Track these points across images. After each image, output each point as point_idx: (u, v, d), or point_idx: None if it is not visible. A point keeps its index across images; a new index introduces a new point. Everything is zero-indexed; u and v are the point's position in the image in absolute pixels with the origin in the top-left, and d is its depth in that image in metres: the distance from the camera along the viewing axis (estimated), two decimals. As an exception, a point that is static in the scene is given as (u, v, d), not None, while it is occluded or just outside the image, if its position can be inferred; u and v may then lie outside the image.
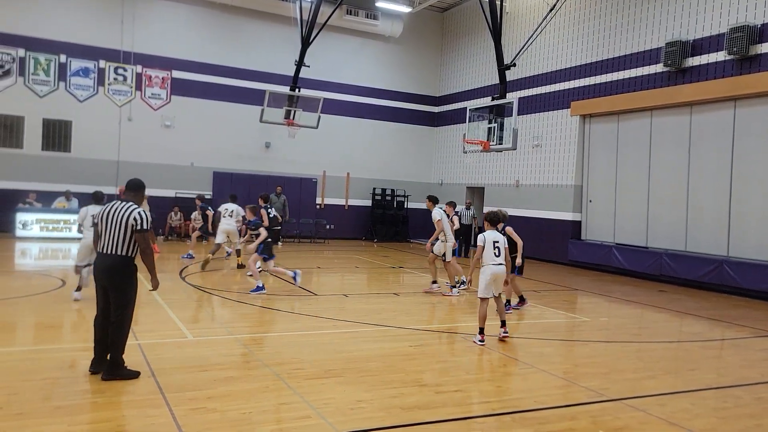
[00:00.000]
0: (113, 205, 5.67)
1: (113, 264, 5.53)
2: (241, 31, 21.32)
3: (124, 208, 5.59)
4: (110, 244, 5.54)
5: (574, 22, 18.18)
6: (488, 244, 7.79)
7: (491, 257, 7.75)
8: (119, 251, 5.54)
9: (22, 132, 18.44)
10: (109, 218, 5.58)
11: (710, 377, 6.84)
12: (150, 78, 20.11)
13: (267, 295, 10.23)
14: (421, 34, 24.45)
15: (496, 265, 7.75)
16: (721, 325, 9.99)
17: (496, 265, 7.75)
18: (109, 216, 5.59)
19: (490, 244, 7.79)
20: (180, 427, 4.50)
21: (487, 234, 7.88)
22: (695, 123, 14.66)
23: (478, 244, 7.86)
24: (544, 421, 5.07)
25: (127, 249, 5.57)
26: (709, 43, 14.24)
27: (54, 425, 4.47)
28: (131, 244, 5.57)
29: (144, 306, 8.96)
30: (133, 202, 5.72)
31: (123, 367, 5.54)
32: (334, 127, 22.19)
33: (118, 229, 5.52)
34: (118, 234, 5.52)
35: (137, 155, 19.79)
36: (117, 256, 5.54)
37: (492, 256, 7.75)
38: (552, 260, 18.31)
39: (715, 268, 13.60)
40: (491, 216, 8.11)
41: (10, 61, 18.28)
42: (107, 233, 5.56)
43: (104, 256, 5.58)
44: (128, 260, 5.59)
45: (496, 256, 7.76)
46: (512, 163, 20.26)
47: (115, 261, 5.53)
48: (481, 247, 7.79)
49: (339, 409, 5.07)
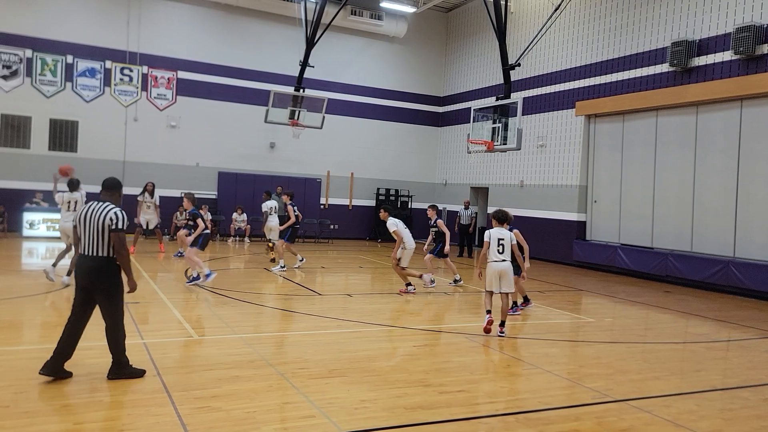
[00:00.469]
0: (91, 205, 5.58)
1: (95, 266, 5.43)
2: (246, 32, 21.37)
3: (101, 208, 5.50)
4: (90, 246, 5.43)
5: (579, 21, 18.15)
6: (493, 240, 8.06)
7: (494, 254, 8.04)
8: (100, 252, 5.43)
9: (29, 132, 18.55)
10: (87, 220, 5.48)
11: (716, 378, 6.81)
12: (156, 78, 20.18)
13: (271, 295, 10.25)
14: (425, 35, 24.44)
15: (497, 262, 8.03)
16: (727, 326, 9.95)
17: (497, 261, 8.04)
18: (87, 217, 5.48)
19: (495, 241, 8.06)
20: (185, 426, 4.51)
21: (493, 231, 8.14)
22: (701, 123, 14.60)
23: (485, 240, 8.15)
24: (549, 421, 5.06)
25: (108, 250, 5.46)
26: (715, 42, 14.19)
27: (60, 424, 4.49)
28: (111, 245, 5.46)
29: (149, 305, 8.99)
30: (110, 201, 5.62)
31: (128, 366, 5.54)
32: (338, 127, 22.22)
33: (96, 231, 5.42)
34: (97, 235, 5.42)
35: (143, 155, 19.88)
36: (98, 258, 5.44)
37: (495, 253, 8.04)
38: (557, 261, 18.28)
39: (721, 269, 13.55)
40: (498, 214, 8.34)
41: (17, 61, 18.39)
42: (86, 235, 5.46)
43: (86, 258, 5.48)
44: (111, 261, 5.48)
45: (499, 254, 8.04)
46: (517, 163, 20.24)
47: (97, 263, 5.43)
48: (486, 243, 8.08)
49: (343, 408, 5.07)
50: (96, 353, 6.30)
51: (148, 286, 10.70)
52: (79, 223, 5.55)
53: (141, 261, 13.69)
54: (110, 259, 5.47)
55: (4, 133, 18.27)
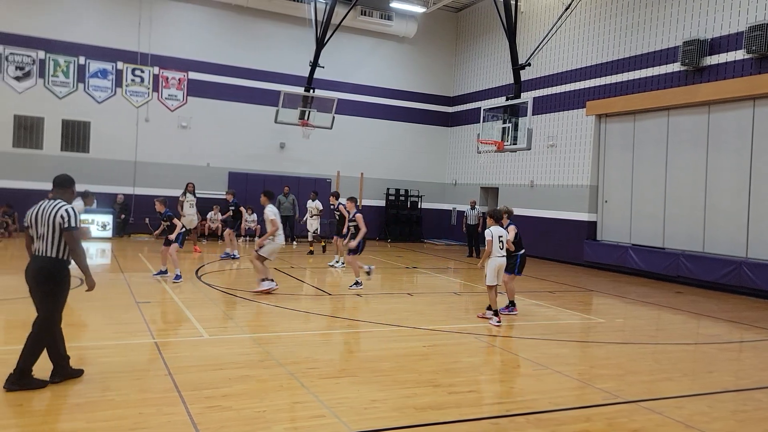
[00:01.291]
0: (41, 204, 5.28)
1: (42, 267, 5.16)
2: (257, 33, 21.44)
3: (51, 206, 5.21)
4: (42, 246, 5.17)
5: (589, 21, 18.06)
6: (495, 238, 8.88)
7: (496, 250, 8.90)
8: (50, 253, 5.16)
9: (41, 133, 18.70)
10: (38, 219, 5.21)
11: (729, 380, 6.76)
12: (167, 79, 20.30)
13: (282, 295, 10.28)
14: (435, 35, 24.42)
15: (500, 257, 8.94)
16: (739, 327, 9.87)
17: (500, 257, 8.94)
18: (38, 217, 5.21)
19: (496, 238, 8.89)
20: (196, 425, 4.54)
21: (493, 229, 8.96)
22: (713, 122, 14.49)
23: (487, 238, 8.93)
24: (559, 422, 5.04)
25: (59, 250, 5.18)
26: (727, 41, 14.07)
27: (72, 422, 4.53)
28: (63, 245, 5.19)
29: (160, 305, 9.06)
30: (61, 199, 5.33)
31: (31, 377, 5.15)
32: (348, 127, 22.24)
33: (47, 230, 5.15)
34: (48, 235, 5.15)
35: (154, 155, 20.00)
36: (47, 259, 5.17)
37: (497, 249, 8.90)
38: (567, 261, 18.20)
39: (733, 270, 13.43)
40: (494, 213, 9.15)
41: (30, 63, 18.56)
42: (38, 235, 5.20)
43: (35, 259, 5.22)
44: (60, 263, 5.21)
45: (500, 249, 8.93)
46: (527, 163, 20.17)
47: (45, 264, 5.17)
48: (490, 242, 8.87)
49: (353, 408, 5.08)
50: (108, 352, 6.36)
51: (159, 285, 10.78)
52: (31, 223, 5.27)
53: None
54: (59, 261, 5.21)
55: (17, 133, 18.43)
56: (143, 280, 11.28)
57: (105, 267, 13.24)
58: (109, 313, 8.33)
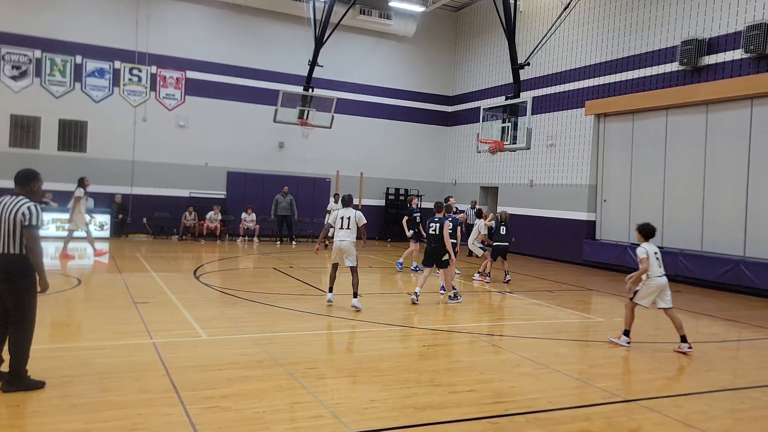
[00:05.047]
0: (3, 200, 5.17)
1: (5, 264, 5.07)
2: (255, 32, 21.41)
3: (13, 203, 5.11)
4: (2, 243, 5.06)
5: (588, 20, 18.06)
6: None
7: None
8: (12, 249, 5.06)
9: (38, 132, 18.65)
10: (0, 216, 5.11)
11: (727, 378, 6.77)
12: (164, 78, 20.26)
13: (280, 295, 10.26)
14: (434, 34, 24.40)
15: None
16: (737, 326, 9.88)
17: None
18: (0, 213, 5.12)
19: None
20: (194, 425, 4.53)
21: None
22: (711, 122, 14.50)
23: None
24: (558, 421, 5.04)
25: (21, 247, 5.08)
26: (725, 41, 14.07)
27: (70, 423, 4.52)
28: (23, 242, 5.08)
29: (159, 305, 9.04)
30: (24, 195, 5.19)
31: (26, 377, 5.14)
32: (347, 126, 22.21)
33: (8, 227, 5.05)
34: (8, 232, 5.05)
35: (152, 155, 19.95)
36: (9, 255, 5.06)
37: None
38: (566, 260, 18.20)
39: (731, 269, 13.44)
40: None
41: (26, 62, 18.50)
42: None
43: None
44: (23, 259, 5.10)
45: None
46: (526, 162, 20.17)
47: (8, 260, 5.06)
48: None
49: (352, 408, 5.08)
50: (106, 352, 6.35)
51: (157, 285, 10.76)
52: None
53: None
54: (22, 257, 5.11)
55: (13, 133, 18.37)
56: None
57: (103, 267, 13.22)
58: (107, 313, 8.31)
